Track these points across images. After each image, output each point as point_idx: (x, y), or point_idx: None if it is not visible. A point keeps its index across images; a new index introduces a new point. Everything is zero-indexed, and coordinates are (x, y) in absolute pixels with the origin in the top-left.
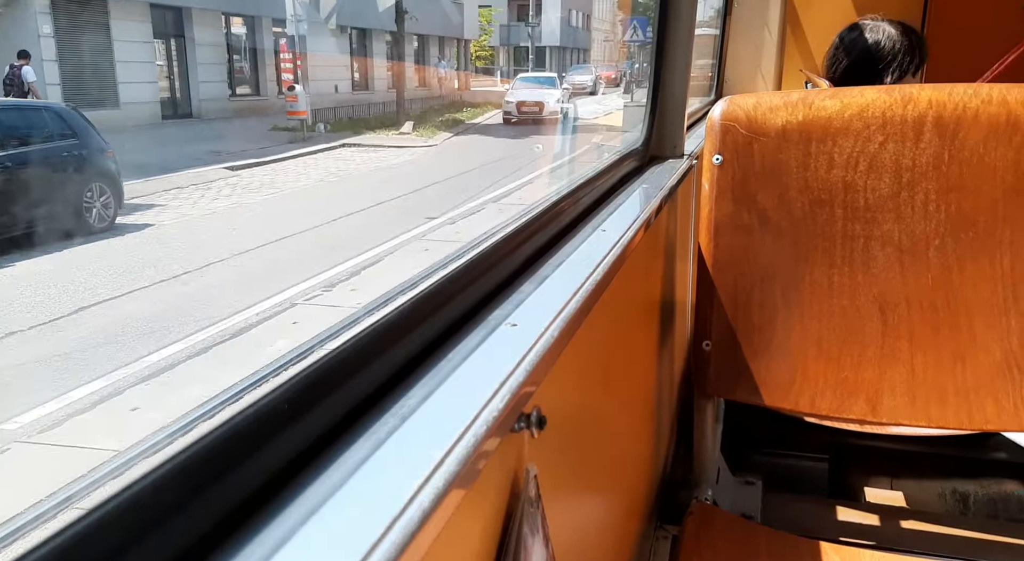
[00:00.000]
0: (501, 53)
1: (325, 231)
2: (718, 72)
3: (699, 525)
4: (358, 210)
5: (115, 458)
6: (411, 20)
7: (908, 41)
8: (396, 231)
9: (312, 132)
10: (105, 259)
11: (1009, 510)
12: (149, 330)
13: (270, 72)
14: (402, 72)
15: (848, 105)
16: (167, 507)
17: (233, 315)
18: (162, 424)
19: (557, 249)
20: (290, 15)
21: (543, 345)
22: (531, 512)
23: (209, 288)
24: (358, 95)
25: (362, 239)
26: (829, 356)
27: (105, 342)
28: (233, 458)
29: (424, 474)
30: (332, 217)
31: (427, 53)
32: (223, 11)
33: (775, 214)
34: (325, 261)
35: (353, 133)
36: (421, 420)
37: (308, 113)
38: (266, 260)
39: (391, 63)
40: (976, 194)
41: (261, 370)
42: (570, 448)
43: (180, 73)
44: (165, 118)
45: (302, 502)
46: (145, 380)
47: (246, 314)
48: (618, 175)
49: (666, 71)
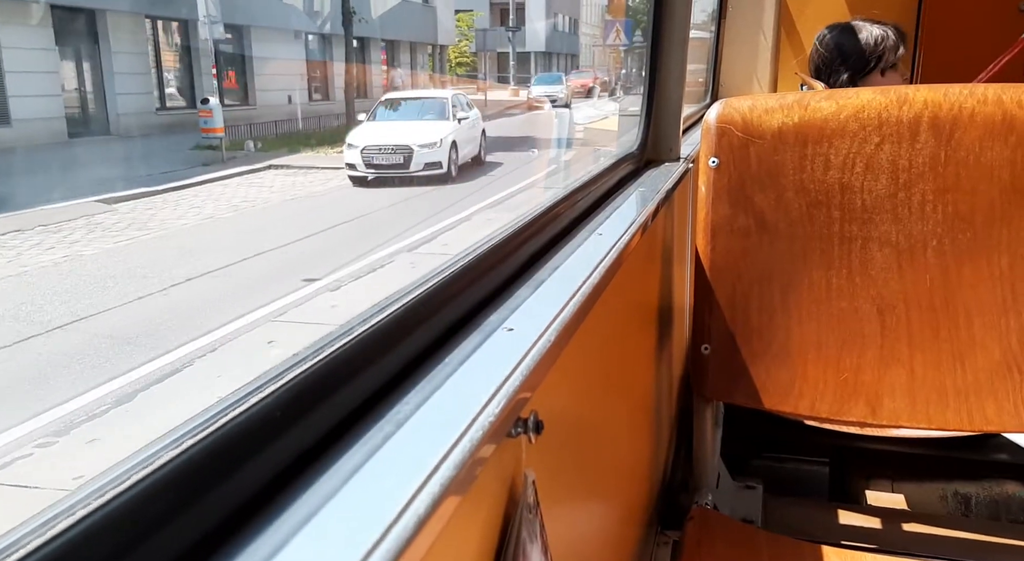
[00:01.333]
0: (484, 59)
1: (130, 316)
2: (713, 75)
3: (700, 530)
4: (215, 269)
5: (106, 468)
6: (360, 22)
7: (876, 37)
8: (244, 308)
9: (239, 151)
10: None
11: (1011, 511)
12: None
13: (209, 82)
14: (352, 80)
15: (844, 106)
16: (157, 516)
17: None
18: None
19: (553, 253)
20: (202, 16)
21: (540, 349)
22: (529, 518)
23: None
24: (316, 106)
25: (168, 331)
26: (828, 358)
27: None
28: (224, 467)
29: (419, 480)
30: (173, 280)
31: (397, 59)
32: (148, 14)
33: (772, 216)
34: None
35: (288, 151)
36: (417, 426)
37: (223, 130)
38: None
39: (357, 69)
40: (973, 194)
41: (255, 378)
42: (568, 453)
43: (95, 84)
44: (73, 136)
45: (295, 510)
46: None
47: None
48: (614, 179)
49: (661, 74)
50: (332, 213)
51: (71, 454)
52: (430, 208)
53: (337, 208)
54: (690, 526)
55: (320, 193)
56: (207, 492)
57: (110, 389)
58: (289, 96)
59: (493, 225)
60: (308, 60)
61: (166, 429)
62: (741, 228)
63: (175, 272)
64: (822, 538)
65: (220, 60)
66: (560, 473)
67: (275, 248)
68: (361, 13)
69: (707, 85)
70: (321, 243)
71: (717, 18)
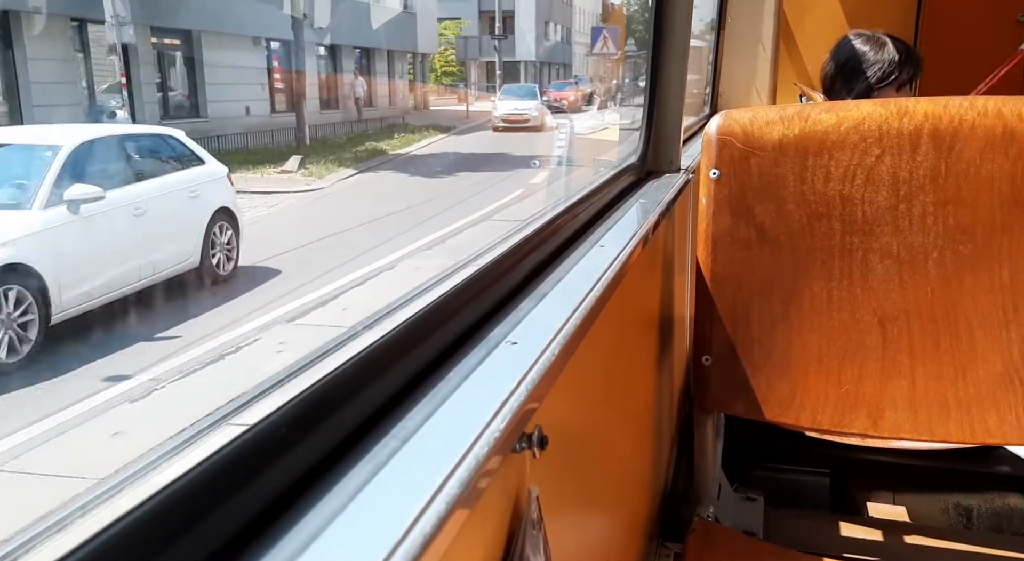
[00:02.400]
0: (473, 68)
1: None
2: (713, 87)
3: (702, 543)
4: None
5: (102, 489)
6: (314, 29)
7: (899, 52)
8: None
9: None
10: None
11: (1013, 524)
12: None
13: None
14: (303, 91)
15: (844, 118)
16: (160, 538)
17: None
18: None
19: (556, 265)
20: (109, 17)
21: (544, 363)
22: (533, 534)
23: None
24: (277, 118)
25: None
26: (829, 370)
27: None
28: (230, 485)
29: (426, 498)
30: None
31: (373, 68)
32: (75, 16)
33: (773, 228)
34: None
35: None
36: (422, 442)
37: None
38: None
39: (326, 78)
40: (973, 206)
41: (259, 395)
42: (572, 467)
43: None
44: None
45: (301, 529)
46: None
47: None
48: (615, 190)
49: (662, 86)
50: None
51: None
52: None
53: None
54: (692, 538)
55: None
56: (212, 511)
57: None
58: (247, 107)
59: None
60: (269, 69)
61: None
62: (742, 239)
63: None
64: (824, 550)
65: (163, 67)
66: (563, 487)
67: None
68: (320, 19)
69: (706, 96)
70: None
71: (716, 29)
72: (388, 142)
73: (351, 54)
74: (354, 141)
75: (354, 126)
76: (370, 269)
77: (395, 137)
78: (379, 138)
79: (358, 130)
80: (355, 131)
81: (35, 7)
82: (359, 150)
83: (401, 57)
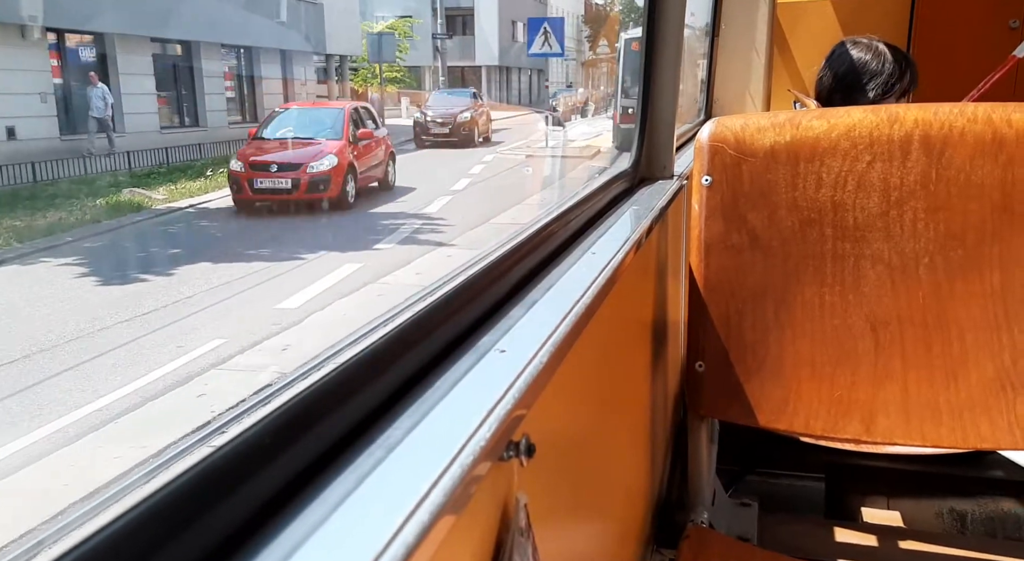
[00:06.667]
0: (427, 73)
1: None
2: (707, 93)
3: (696, 549)
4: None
5: (80, 502)
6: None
7: (896, 62)
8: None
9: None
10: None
11: (1007, 529)
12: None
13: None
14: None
15: (835, 125)
16: (142, 547)
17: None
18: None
19: (547, 273)
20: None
21: (532, 371)
22: (521, 542)
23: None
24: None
25: None
26: (822, 376)
27: None
28: (214, 495)
29: (409, 507)
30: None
31: (256, 70)
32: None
33: (765, 234)
34: None
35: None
36: (407, 451)
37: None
38: None
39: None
40: (964, 212)
41: (242, 404)
42: (561, 475)
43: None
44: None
45: (284, 539)
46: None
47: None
48: (608, 197)
49: (655, 92)
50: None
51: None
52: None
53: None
54: (685, 544)
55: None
56: (195, 521)
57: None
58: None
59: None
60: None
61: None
62: (734, 245)
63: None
64: (818, 556)
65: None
66: (554, 494)
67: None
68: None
69: (700, 102)
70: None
71: (710, 36)
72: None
73: (215, 53)
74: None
75: (93, 163)
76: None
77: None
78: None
79: (92, 171)
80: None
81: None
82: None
83: (303, 60)
